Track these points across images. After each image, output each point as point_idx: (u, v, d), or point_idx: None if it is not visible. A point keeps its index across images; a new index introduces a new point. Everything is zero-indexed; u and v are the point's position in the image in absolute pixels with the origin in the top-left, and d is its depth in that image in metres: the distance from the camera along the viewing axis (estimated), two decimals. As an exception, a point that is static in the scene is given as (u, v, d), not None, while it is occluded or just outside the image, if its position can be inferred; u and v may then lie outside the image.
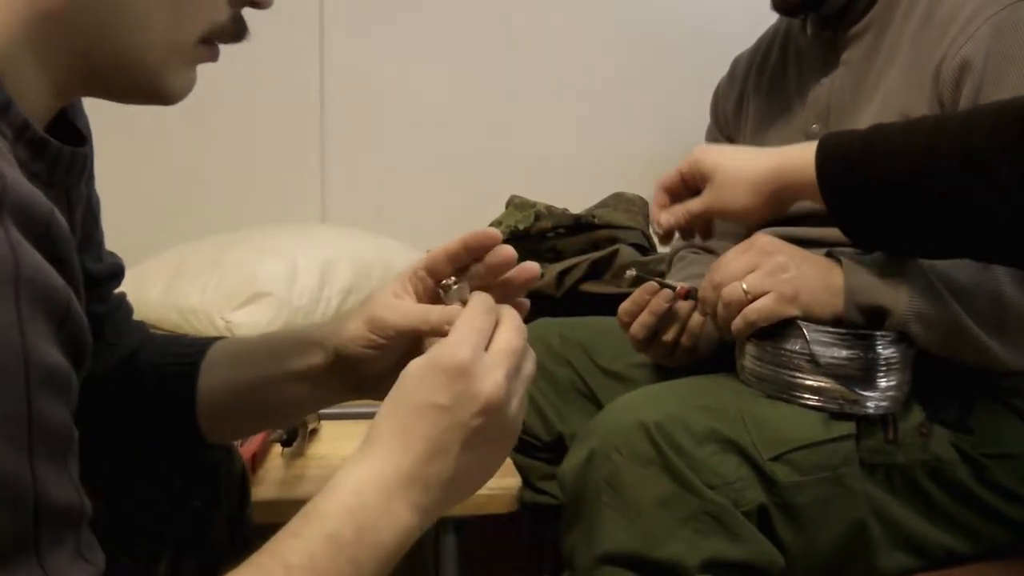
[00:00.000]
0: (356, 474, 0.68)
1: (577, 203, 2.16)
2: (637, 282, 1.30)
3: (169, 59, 0.67)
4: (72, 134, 0.73)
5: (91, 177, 0.85)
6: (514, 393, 0.71)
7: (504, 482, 1.31)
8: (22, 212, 0.51)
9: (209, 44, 0.69)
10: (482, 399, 0.68)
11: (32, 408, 0.50)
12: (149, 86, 0.67)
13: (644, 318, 1.28)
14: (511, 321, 0.74)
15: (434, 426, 0.68)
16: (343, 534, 0.64)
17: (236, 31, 0.71)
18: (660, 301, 1.27)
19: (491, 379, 0.68)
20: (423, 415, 0.68)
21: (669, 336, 1.29)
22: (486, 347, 0.71)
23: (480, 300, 0.75)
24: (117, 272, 0.93)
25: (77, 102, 0.78)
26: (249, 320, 1.82)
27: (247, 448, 1.25)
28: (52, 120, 0.68)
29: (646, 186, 2.28)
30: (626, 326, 1.31)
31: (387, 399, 0.70)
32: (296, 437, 1.32)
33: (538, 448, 1.45)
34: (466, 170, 2.52)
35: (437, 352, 0.69)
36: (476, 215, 2.13)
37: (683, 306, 1.28)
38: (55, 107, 0.67)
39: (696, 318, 1.29)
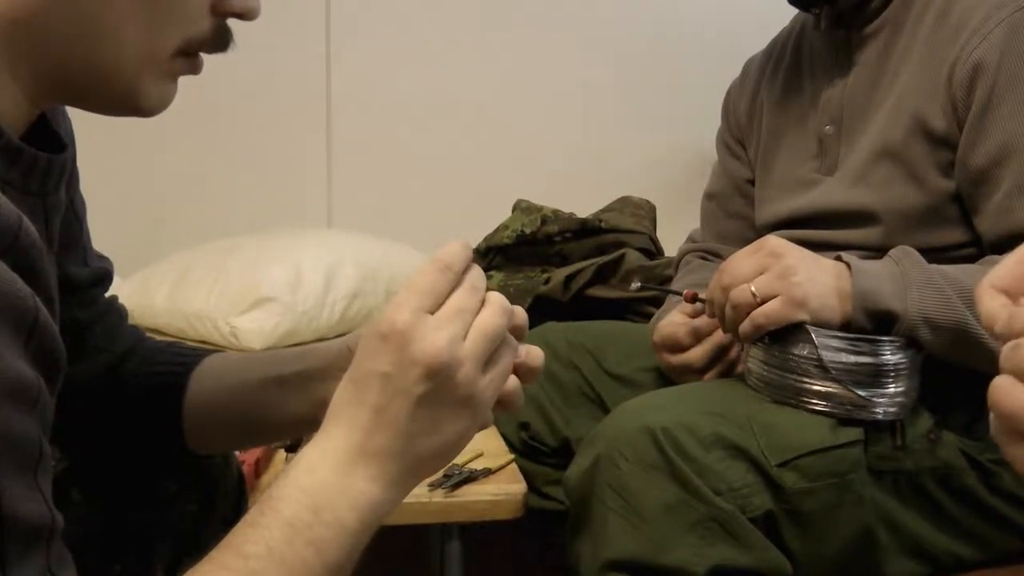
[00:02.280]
0: (309, 454, 0.65)
1: (584, 207, 2.15)
2: (643, 291, 1.30)
3: (143, 71, 0.65)
4: (52, 141, 0.72)
5: (74, 182, 0.84)
6: (468, 357, 0.66)
7: (510, 487, 1.30)
8: None
9: (189, 56, 0.68)
10: (423, 363, 0.64)
11: None
12: (123, 98, 0.66)
13: (708, 348, 1.29)
14: (493, 301, 0.69)
15: (379, 395, 0.65)
16: (300, 517, 0.62)
17: (219, 42, 0.69)
18: (720, 337, 1.28)
19: (430, 342, 0.64)
20: (368, 384, 0.65)
21: (711, 375, 1.30)
22: (434, 309, 0.66)
23: (435, 257, 0.68)
24: (104, 276, 0.91)
25: (60, 108, 0.77)
26: (253, 325, 1.82)
27: (251, 453, 1.24)
28: (32, 127, 0.67)
29: (653, 190, 2.29)
30: (668, 349, 1.31)
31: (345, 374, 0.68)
32: (300, 443, 1.31)
33: (544, 453, 1.45)
34: (473, 174, 2.52)
35: (379, 317, 0.66)
36: (483, 219, 2.13)
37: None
38: (32, 114, 0.66)
39: (733, 352, 1.30)
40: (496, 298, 0.69)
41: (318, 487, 0.64)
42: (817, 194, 1.32)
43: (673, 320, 1.33)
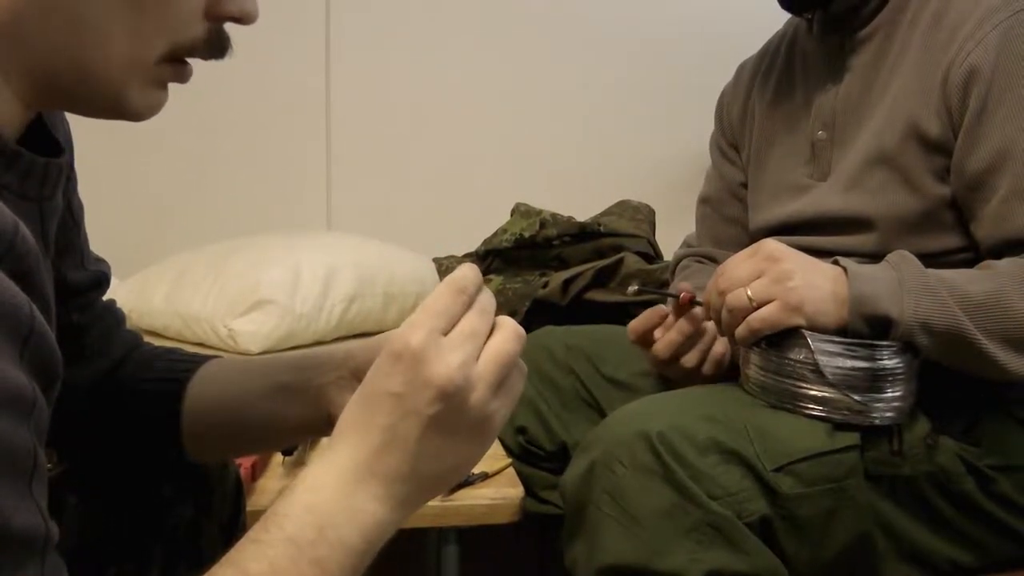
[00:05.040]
0: (315, 471, 0.65)
1: (582, 211, 2.15)
2: (640, 295, 1.30)
3: (129, 76, 0.64)
4: (50, 145, 0.71)
5: (72, 185, 0.84)
6: (481, 380, 0.65)
7: (506, 492, 1.30)
8: None
9: (177, 63, 0.66)
10: (435, 385, 0.63)
11: None
12: (109, 102, 0.65)
13: (672, 336, 1.28)
14: (507, 326, 0.69)
15: (389, 415, 0.64)
16: (304, 535, 0.61)
17: (216, 47, 0.68)
18: (688, 323, 1.27)
19: (444, 364, 0.63)
20: (379, 404, 0.64)
21: (692, 361, 1.29)
22: (448, 331, 0.66)
23: (449, 280, 0.67)
24: (101, 280, 0.91)
25: (58, 112, 0.77)
26: (251, 328, 1.81)
27: (248, 457, 1.24)
28: (29, 131, 0.67)
29: (652, 194, 2.30)
30: (643, 344, 1.31)
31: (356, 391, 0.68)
32: (297, 446, 1.31)
33: (542, 457, 1.44)
34: (472, 178, 2.52)
35: (392, 336, 0.65)
36: (481, 223, 2.13)
37: (710, 328, 1.28)
38: (26, 117, 0.65)
39: (718, 347, 1.29)
40: (510, 323, 0.69)
41: (323, 506, 0.63)
42: (809, 200, 1.32)
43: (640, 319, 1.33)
